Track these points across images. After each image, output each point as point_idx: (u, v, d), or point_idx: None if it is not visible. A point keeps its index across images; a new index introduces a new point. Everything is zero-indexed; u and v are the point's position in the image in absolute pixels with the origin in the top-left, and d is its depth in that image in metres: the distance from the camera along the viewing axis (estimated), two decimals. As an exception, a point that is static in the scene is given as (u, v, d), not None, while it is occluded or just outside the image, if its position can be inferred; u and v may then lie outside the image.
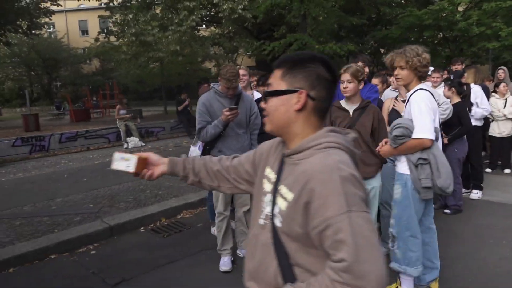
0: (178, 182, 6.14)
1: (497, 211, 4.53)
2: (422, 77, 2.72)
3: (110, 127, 11.02)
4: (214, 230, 4.12)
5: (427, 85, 2.91)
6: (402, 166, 2.69)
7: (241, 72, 3.88)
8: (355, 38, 16.80)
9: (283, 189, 1.06)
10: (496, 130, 5.99)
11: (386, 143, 2.79)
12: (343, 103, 3.10)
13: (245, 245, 3.55)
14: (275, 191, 1.10)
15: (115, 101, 22.32)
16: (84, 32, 36.99)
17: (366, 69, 4.04)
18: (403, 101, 3.38)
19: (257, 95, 4.11)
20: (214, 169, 1.39)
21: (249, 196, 3.49)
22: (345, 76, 2.96)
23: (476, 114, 5.14)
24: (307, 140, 1.07)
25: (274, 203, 1.09)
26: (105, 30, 16.98)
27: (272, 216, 1.08)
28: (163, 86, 21.66)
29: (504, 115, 5.88)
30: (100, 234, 4.28)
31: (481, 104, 5.13)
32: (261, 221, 1.15)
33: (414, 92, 2.65)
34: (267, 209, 1.12)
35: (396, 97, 3.81)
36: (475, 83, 5.36)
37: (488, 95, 5.72)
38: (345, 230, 0.88)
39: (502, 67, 6.62)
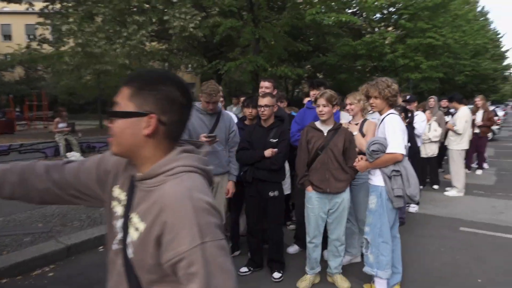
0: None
1: (432, 223, 5.15)
2: (392, 105, 3.15)
3: (47, 140, 10.24)
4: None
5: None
6: (377, 179, 3.06)
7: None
8: (295, 62, 17.79)
9: (134, 218, 0.98)
10: (423, 151, 6.78)
11: (361, 159, 3.15)
12: (318, 124, 3.40)
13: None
14: (126, 218, 1.01)
15: (43, 113, 20.71)
16: (7, 37, 34.00)
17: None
18: (356, 124, 3.79)
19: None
20: (40, 188, 1.16)
21: (223, 213, 3.60)
22: (321, 101, 3.28)
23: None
24: (158, 165, 0.98)
25: (126, 231, 1.01)
26: (35, 36, 15.83)
27: (124, 245, 1.01)
28: (99, 99, 20.65)
29: (429, 138, 6.72)
30: (57, 254, 4.02)
31: (419, 128, 5.79)
32: (114, 246, 1.08)
33: (387, 115, 3.06)
34: (120, 235, 1.04)
35: (350, 121, 4.22)
36: (416, 110, 6.07)
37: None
38: (198, 263, 0.86)
39: (433, 96, 7.54)
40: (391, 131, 2.95)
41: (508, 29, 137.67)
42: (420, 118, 5.72)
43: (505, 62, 32.60)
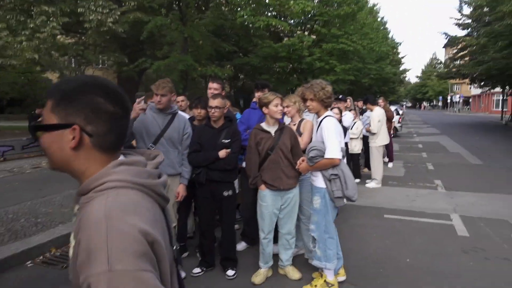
0: (57, 207, 5.45)
1: (361, 212, 5.65)
2: (327, 106, 3.37)
3: None
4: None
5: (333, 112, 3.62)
6: (319, 181, 3.25)
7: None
8: (216, 62, 17.85)
9: (71, 237, 0.89)
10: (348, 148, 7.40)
11: (303, 161, 3.32)
12: (264, 125, 3.50)
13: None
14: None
15: None
16: None
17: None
18: (294, 125, 3.99)
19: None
20: None
21: (174, 215, 3.51)
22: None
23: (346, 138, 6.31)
24: (89, 181, 0.89)
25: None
26: None
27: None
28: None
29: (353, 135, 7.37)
30: (-24, 275, 3.52)
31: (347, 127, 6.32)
32: None
33: (323, 118, 3.27)
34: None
35: (289, 123, 4.43)
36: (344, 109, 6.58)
37: None
38: None
39: (349, 97, 8.24)
40: (327, 136, 3.13)
41: (404, 38, 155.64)
42: (348, 118, 6.21)
43: (401, 68, 36.93)
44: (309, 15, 16.67)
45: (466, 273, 3.67)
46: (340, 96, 6.43)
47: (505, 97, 34.16)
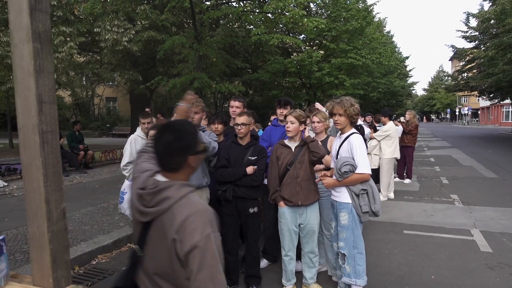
0: (78, 224, 5.52)
1: (379, 228, 5.62)
2: (354, 123, 3.42)
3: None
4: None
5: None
6: (345, 197, 3.26)
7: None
8: (225, 78, 18.07)
9: None
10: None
11: (324, 175, 3.35)
12: (286, 141, 3.56)
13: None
14: None
15: None
16: None
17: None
18: (320, 141, 4.04)
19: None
20: None
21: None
22: (289, 118, 3.47)
23: None
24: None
25: None
26: None
27: None
28: (7, 115, 18.47)
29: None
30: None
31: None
32: None
33: (350, 134, 3.30)
34: None
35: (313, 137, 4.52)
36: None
37: None
38: None
39: (368, 113, 8.31)
40: (358, 152, 3.17)
41: (410, 51, 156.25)
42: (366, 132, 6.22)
43: (409, 81, 36.96)
44: (317, 30, 16.89)
45: (493, 290, 3.63)
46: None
47: (515, 109, 33.90)
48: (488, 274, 3.99)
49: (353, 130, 3.36)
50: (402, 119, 9.29)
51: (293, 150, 3.49)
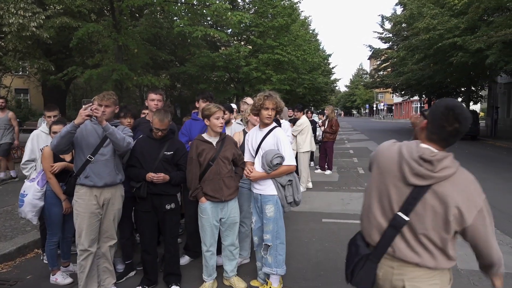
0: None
1: (301, 218, 5.86)
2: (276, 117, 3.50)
3: None
4: (54, 278, 3.66)
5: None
6: (271, 189, 3.30)
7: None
8: (152, 71, 17.39)
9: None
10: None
11: (251, 169, 3.35)
12: (206, 136, 3.50)
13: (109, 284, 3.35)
14: None
15: None
16: None
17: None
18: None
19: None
20: None
21: (115, 231, 3.35)
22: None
23: None
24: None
25: None
26: None
27: None
28: None
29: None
30: None
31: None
32: None
33: (273, 128, 3.35)
34: None
35: (244, 129, 4.45)
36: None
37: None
38: None
39: (286, 107, 8.57)
40: (285, 144, 3.25)
41: (333, 49, 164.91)
42: (287, 127, 6.38)
43: (332, 77, 39.07)
44: (245, 26, 17.02)
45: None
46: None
47: (422, 105, 37.75)
48: (393, 254, 4.38)
49: (275, 123, 3.42)
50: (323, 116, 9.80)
51: (214, 145, 3.45)
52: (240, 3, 19.17)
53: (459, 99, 28.62)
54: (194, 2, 10.01)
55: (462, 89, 27.36)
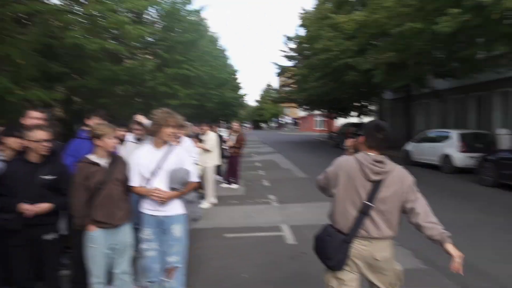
0: None
1: (202, 235, 5.77)
2: None
3: None
4: None
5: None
6: (177, 208, 3.23)
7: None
8: (46, 84, 15.82)
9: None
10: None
11: (158, 191, 3.17)
12: (93, 158, 3.27)
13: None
14: None
15: None
16: None
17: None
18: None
19: None
20: None
21: None
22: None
23: None
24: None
25: None
26: None
27: None
28: None
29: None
30: None
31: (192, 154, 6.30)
32: None
33: (173, 146, 3.30)
34: None
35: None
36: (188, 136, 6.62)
37: None
38: None
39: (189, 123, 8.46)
40: (189, 161, 3.26)
41: (245, 65, 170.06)
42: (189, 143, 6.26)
43: (242, 92, 40.19)
44: (152, 40, 16.65)
45: (292, 278, 4.19)
46: None
47: (322, 119, 40.89)
48: (291, 264, 4.60)
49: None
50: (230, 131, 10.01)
51: (104, 167, 3.24)
52: (147, 17, 18.71)
53: (354, 113, 31.74)
54: (91, 13, 9.42)
55: (356, 104, 30.34)
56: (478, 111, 18.15)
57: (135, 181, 3.25)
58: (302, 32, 28.51)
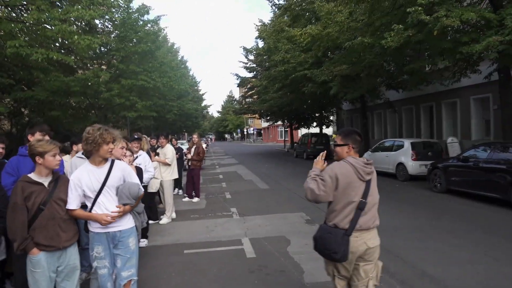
0: None
1: (161, 252, 5.59)
2: None
3: None
4: None
5: None
6: (130, 221, 3.20)
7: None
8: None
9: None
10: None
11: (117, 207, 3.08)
12: (34, 176, 3.04)
13: None
14: None
15: None
16: None
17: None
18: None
19: None
20: None
21: None
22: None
23: (145, 178, 5.93)
24: None
25: None
26: None
27: None
28: None
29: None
30: None
31: (149, 168, 6.04)
32: None
33: (112, 161, 3.19)
34: None
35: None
36: (144, 150, 6.37)
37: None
38: None
39: (145, 135, 8.18)
40: (132, 173, 3.29)
41: (206, 76, 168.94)
42: (145, 157, 6.03)
43: (203, 103, 39.88)
44: (105, 50, 16.12)
45: (252, 293, 4.10)
46: (136, 136, 6.32)
47: (285, 129, 41.43)
48: (249, 278, 4.50)
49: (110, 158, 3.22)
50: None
51: (46, 186, 3.02)
52: (100, 26, 18.13)
53: (314, 124, 32.44)
54: (32, 22, 8.88)
55: (316, 114, 31.06)
56: (430, 120, 19.20)
57: (73, 204, 3.05)
58: (261, 43, 28.94)
